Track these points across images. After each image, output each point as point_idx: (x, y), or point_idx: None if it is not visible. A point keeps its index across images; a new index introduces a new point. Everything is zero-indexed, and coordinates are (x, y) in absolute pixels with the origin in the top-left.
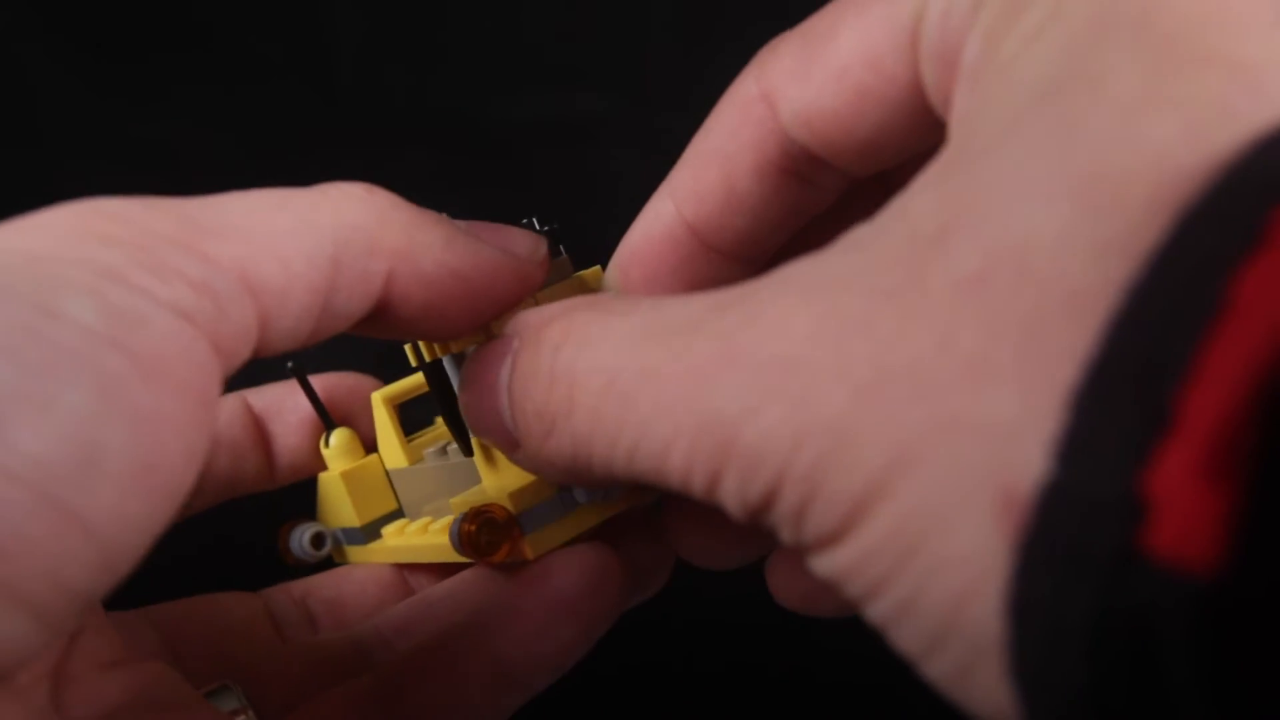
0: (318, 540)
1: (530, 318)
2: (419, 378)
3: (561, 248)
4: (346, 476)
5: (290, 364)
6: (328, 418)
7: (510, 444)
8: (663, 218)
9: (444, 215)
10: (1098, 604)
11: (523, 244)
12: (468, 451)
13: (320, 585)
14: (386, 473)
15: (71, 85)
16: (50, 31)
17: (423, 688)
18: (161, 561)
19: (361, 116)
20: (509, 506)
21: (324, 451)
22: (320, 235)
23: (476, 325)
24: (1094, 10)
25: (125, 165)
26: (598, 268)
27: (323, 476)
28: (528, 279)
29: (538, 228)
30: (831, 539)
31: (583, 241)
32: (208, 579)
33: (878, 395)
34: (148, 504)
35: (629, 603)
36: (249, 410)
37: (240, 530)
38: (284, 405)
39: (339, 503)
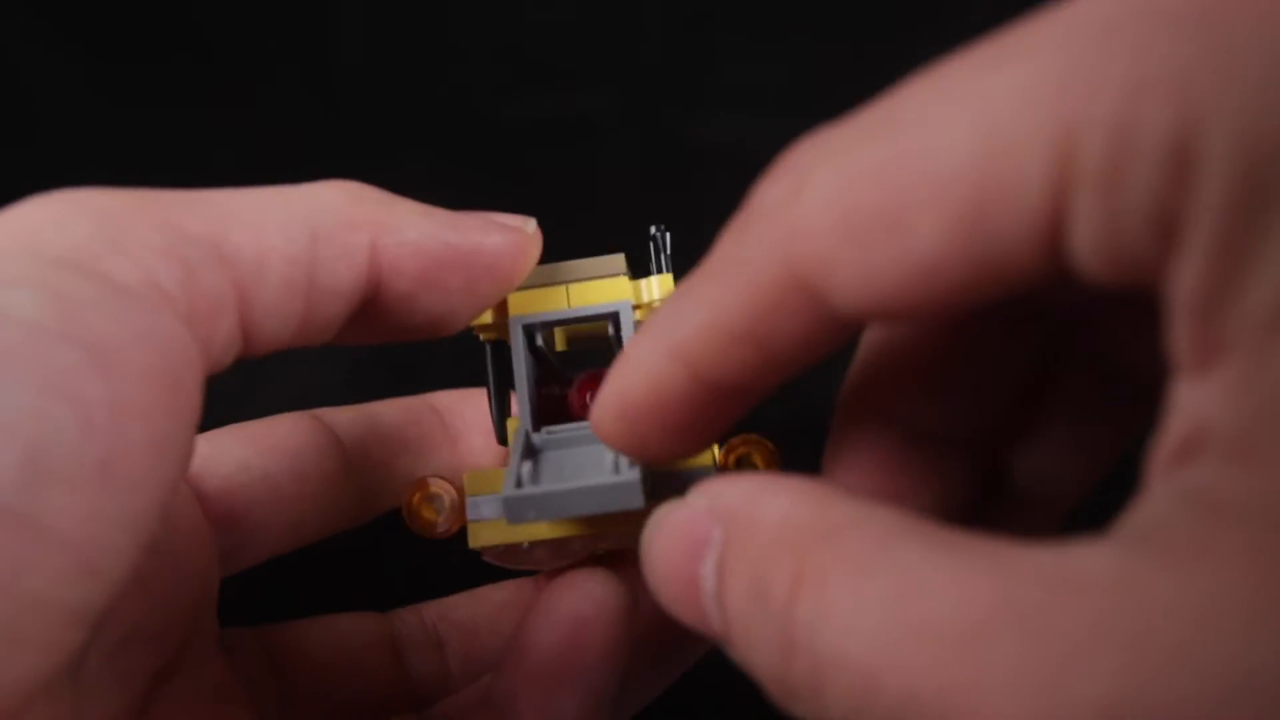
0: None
1: (735, 499)
2: None
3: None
4: (470, 479)
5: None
6: (503, 433)
7: (717, 637)
8: (674, 381)
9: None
10: None
11: (508, 218)
12: (502, 439)
13: (455, 608)
14: None
15: (70, 86)
16: (49, 32)
17: None
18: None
19: (362, 118)
20: (465, 486)
21: None
22: (291, 208)
23: (487, 304)
24: None
25: (124, 165)
26: (669, 276)
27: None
28: (523, 249)
29: (656, 231)
30: None
31: (584, 241)
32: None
33: None
34: (114, 499)
35: (666, 671)
36: (434, 411)
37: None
38: (466, 408)
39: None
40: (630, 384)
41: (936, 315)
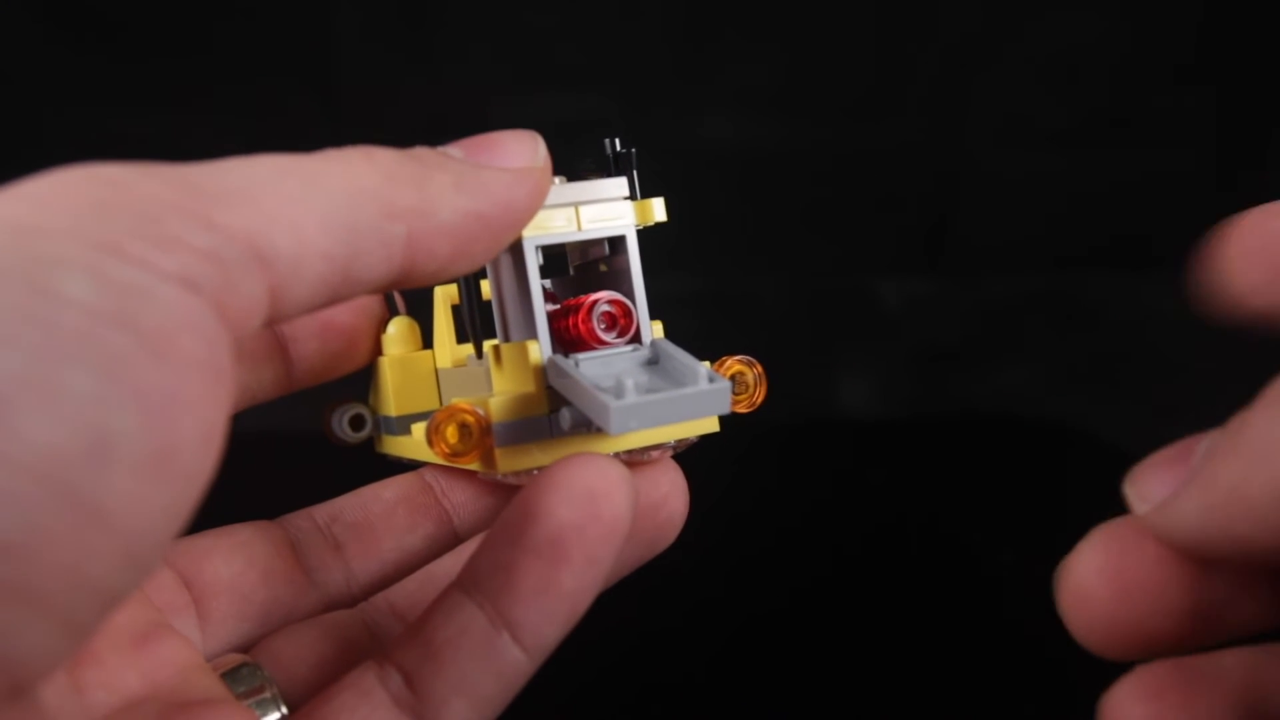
0: (356, 422)
1: None
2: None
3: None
4: (390, 363)
5: None
6: (393, 305)
7: None
8: None
9: (439, 150)
10: None
11: (521, 153)
12: (480, 354)
13: (346, 509)
14: (436, 371)
15: (71, 86)
16: (51, 32)
17: (436, 675)
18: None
19: (361, 116)
20: (489, 412)
21: (384, 338)
22: (330, 198)
23: (504, 248)
24: None
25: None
26: (660, 200)
27: (379, 360)
28: (539, 188)
29: (616, 148)
30: None
31: None
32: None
33: None
34: (167, 490)
35: (642, 550)
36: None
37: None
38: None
39: (384, 390)
40: None
41: None
